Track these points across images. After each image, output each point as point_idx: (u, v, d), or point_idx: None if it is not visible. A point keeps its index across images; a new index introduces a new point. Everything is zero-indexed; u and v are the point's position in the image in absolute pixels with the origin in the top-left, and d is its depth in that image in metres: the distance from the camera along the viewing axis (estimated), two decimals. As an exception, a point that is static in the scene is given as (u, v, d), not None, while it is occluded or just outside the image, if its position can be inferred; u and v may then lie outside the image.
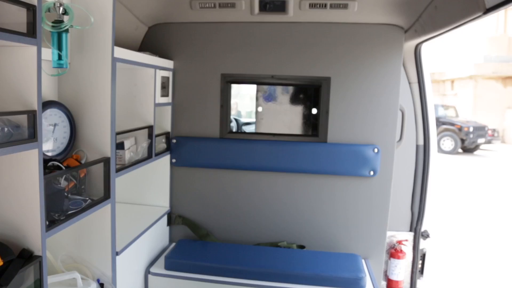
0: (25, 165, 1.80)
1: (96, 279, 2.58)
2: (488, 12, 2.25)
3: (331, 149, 3.60)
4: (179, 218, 3.83)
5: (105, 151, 2.49)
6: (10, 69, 1.76)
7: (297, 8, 3.31)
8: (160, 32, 3.67)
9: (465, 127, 19.69)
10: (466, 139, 19.62)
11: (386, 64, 3.53)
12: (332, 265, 3.34)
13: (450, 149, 19.79)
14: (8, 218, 1.86)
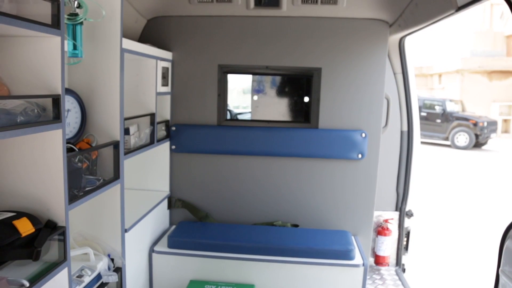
0: (50, 144, 1.99)
1: (107, 254, 2.79)
2: (460, 9, 2.51)
3: (322, 134, 3.84)
4: (179, 202, 4.05)
5: (114, 135, 2.69)
6: (36, 58, 1.95)
7: (290, 3, 3.54)
8: (159, 25, 3.86)
9: (480, 122, 19.09)
10: (480, 134, 19.01)
11: (372, 56, 3.77)
12: (324, 240, 3.59)
13: (465, 144, 19.14)
14: (34, 192, 2.06)
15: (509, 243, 2.21)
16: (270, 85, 4.17)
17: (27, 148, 2.02)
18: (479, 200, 10.07)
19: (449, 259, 6.43)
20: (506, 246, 2.23)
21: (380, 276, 4.12)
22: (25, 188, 2.06)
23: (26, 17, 1.69)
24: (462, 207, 9.44)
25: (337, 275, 3.40)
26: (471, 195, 10.51)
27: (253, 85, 4.17)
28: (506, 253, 2.23)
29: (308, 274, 3.42)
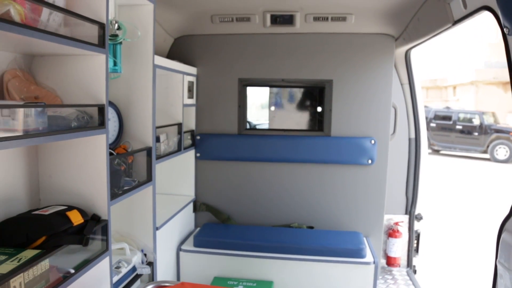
0: (96, 148, 2.27)
1: (141, 249, 3.06)
2: (456, 23, 2.75)
3: (334, 141, 4.09)
4: (203, 205, 4.31)
5: (147, 142, 2.97)
6: (84, 73, 2.24)
7: (303, 21, 3.82)
8: (184, 43, 4.18)
9: None
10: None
11: (379, 68, 4.02)
12: (337, 240, 3.81)
13: (506, 157, 18.02)
14: (81, 189, 2.34)
15: (505, 235, 2.40)
16: (286, 97, 4.44)
17: (76, 151, 2.30)
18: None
19: (466, 264, 6.54)
20: (502, 238, 2.42)
21: (392, 277, 4.30)
22: (74, 185, 2.34)
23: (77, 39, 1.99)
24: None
25: (350, 272, 3.61)
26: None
27: (270, 97, 4.44)
28: (502, 245, 2.43)
29: (322, 271, 3.64)
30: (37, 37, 1.66)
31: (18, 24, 1.56)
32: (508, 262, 2.30)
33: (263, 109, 4.60)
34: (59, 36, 1.84)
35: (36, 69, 2.30)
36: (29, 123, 1.74)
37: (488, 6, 2.26)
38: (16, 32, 1.53)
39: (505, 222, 2.44)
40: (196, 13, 3.82)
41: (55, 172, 2.36)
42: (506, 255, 2.34)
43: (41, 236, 1.97)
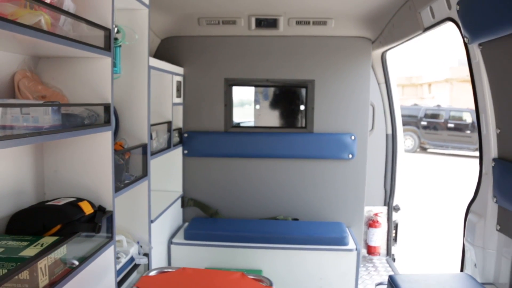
0: (101, 143, 2.49)
1: (137, 241, 3.29)
2: (426, 30, 3.10)
3: (316, 138, 4.39)
4: (191, 201, 4.55)
5: (142, 139, 3.20)
6: (91, 74, 2.46)
7: (286, 25, 4.10)
8: (171, 44, 4.40)
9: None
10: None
11: (358, 68, 4.35)
12: (321, 229, 4.11)
13: None
14: (86, 183, 2.55)
15: (470, 216, 2.75)
16: (270, 96, 4.71)
17: (82, 147, 2.51)
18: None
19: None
20: (468, 219, 2.77)
21: (373, 265, 4.64)
22: (80, 179, 2.55)
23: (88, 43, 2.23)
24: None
25: (334, 259, 3.90)
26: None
27: (255, 96, 4.71)
28: (468, 225, 2.77)
29: (308, 259, 3.93)
30: (61, 43, 1.89)
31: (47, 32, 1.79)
32: (473, 239, 2.65)
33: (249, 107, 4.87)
34: (76, 41, 2.06)
35: (42, 70, 2.51)
36: (46, 121, 1.97)
37: (452, 18, 2.60)
38: (46, 39, 1.77)
39: (470, 205, 2.79)
40: (183, 16, 4.06)
41: (60, 167, 2.57)
42: (471, 233, 2.69)
43: (57, 225, 2.20)
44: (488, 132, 2.56)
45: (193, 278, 2.60)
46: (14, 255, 1.88)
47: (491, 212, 2.58)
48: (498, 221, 2.53)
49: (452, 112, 19.27)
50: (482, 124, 2.61)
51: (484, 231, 2.60)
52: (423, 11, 2.98)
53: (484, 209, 2.62)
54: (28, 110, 1.88)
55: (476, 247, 2.65)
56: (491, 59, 2.40)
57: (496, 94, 2.44)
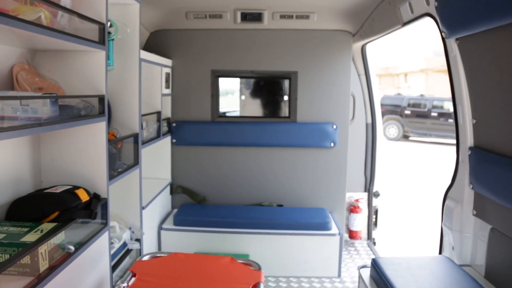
0: (96, 133, 2.53)
1: (129, 227, 3.34)
2: (405, 25, 3.18)
3: (300, 127, 4.48)
4: (179, 188, 4.61)
5: (133, 128, 3.24)
6: (86, 67, 2.49)
7: (270, 19, 4.16)
8: (160, 37, 4.43)
9: None
10: None
11: (339, 60, 4.43)
12: (305, 215, 4.21)
13: None
14: (81, 171, 2.59)
15: (448, 202, 2.86)
16: (255, 87, 4.77)
17: (77, 137, 2.55)
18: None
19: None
20: (446, 205, 2.88)
21: (354, 248, 4.77)
22: (75, 168, 2.59)
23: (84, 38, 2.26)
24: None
25: (317, 243, 4.01)
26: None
27: (241, 87, 4.76)
28: (446, 210, 2.89)
29: (293, 243, 4.03)
30: (60, 38, 1.93)
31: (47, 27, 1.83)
32: (450, 223, 2.76)
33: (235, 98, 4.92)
34: (74, 36, 2.11)
35: (38, 63, 2.53)
36: (45, 112, 2.01)
37: (430, 14, 2.68)
38: (47, 34, 1.80)
39: (448, 191, 2.90)
40: (171, 10, 4.08)
41: (56, 156, 2.61)
42: (449, 218, 2.80)
43: (55, 211, 2.25)
44: (464, 122, 2.65)
45: (185, 263, 2.67)
46: (15, 241, 1.93)
47: (468, 198, 2.68)
48: (474, 207, 2.64)
49: (435, 101, 19.29)
50: (459, 115, 2.71)
51: (461, 216, 2.71)
52: (403, 6, 3.06)
53: (461, 195, 2.74)
54: (28, 101, 1.92)
55: (453, 231, 2.76)
56: (467, 53, 2.49)
57: (472, 86, 2.54)
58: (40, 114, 1.96)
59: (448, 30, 2.48)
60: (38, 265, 1.93)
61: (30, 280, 1.86)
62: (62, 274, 2.06)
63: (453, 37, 2.50)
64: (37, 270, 1.93)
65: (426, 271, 2.44)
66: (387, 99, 19.58)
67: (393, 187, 9.69)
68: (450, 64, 2.68)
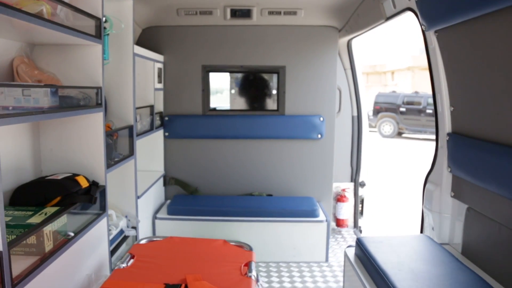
0: (94, 124, 2.63)
1: (125, 216, 3.45)
2: (388, 19, 3.32)
3: (288, 119, 4.60)
4: (172, 180, 4.72)
5: (128, 121, 3.34)
6: (83, 60, 2.59)
7: (259, 15, 4.27)
8: (152, 33, 4.52)
9: None
10: None
11: (326, 55, 4.56)
12: (294, 203, 4.33)
13: None
14: (80, 160, 2.69)
15: (428, 185, 3.00)
16: (245, 81, 4.88)
17: (75, 127, 2.65)
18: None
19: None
20: (426, 188, 3.02)
21: (341, 236, 4.90)
22: (74, 157, 2.69)
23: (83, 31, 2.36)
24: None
25: (306, 229, 4.14)
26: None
27: (231, 81, 4.88)
28: (426, 193, 3.03)
29: (282, 230, 4.15)
30: (60, 31, 2.04)
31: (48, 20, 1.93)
32: (430, 205, 2.91)
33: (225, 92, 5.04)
34: (74, 30, 2.22)
35: (37, 56, 2.63)
36: (46, 102, 2.11)
37: (411, 8, 2.82)
38: (48, 27, 1.91)
39: (428, 175, 3.04)
40: (163, 6, 4.18)
41: (55, 146, 2.70)
42: (429, 200, 2.95)
43: (57, 197, 2.35)
44: (443, 110, 2.79)
45: (180, 245, 2.78)
46: (22, 222, 2.03)
47: (446, 181, 2.82)
48: (452, 188, 2.78)
49: (429, 98, 19.03)
50: (438, 103, 2.84)
51: (440, 197, 2.85)
52: (386, 1, 3.19)
53: (440, 178, 2.88)
54: (30, 92, 2.02)
55: (433, 212, 2.91)
56: (445, 45, 2.62)
57: (449, 76, 2.67)
58: (42, 104, 2.06)
59: (428, 23, 2.61)
60: (43, 244, 2.04)
61: (36, 259, 1.97)
62: (65, 255, 2.17)
63: (432, 30, 2.63)
64: (43, 250, 2.03)
65: (407, 248, 2.58)
66: (382, 96, 19.69)
67: (383, 181, 9.84)
68: (429, 56, 2.81)
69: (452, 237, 2.81)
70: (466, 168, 2.52)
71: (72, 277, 2.32)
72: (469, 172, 2.48)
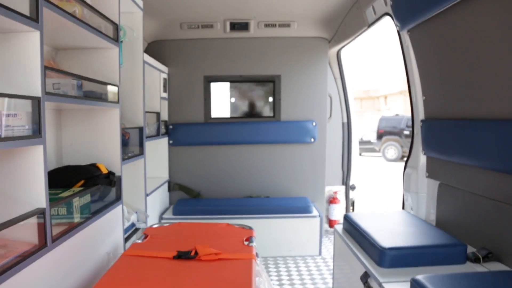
0: (111, 120, 2.93)
1: (135, 211, 3.73)
2: (370, 26, 3.72)
3: (284, 125, 4.95)
4: (176, 185, 5.01)
5: (138, 123, 3.66)
6: (102, 62, 2.88)
7: (256, 28, 4.67)
8: (157, 46, 4.89)
9: None
10: None
11: (317, 64, 4.94)
12: (290, 202, 4.64)
13: None
14: (98, 153, 2.97)
15: (407, 170, 3.34)
16: (243, 90, 5.23)
17: (93, 123, 2.95)
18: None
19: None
20: (406, 172, 3.36)
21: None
22: (92, 150, 2.97)
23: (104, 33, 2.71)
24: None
25: (301, 224, 4.44)
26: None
27: (231, 90, 5.23)
28: (405, 177, 3.36)
29: (279, 226, 4.43)
30: (89, 30, 2.38)
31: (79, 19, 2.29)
32: (409, 187, 3.25)
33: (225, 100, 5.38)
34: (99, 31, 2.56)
35: (60, 60, 2.95)
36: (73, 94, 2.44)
37: (388, 12, 3.22)
38: (82, 26, 2.25)
39: (407, 161, 3.38)
40: (167, 21, 4.57)
41: (75, 140, 3.00)
42: (407, 183, 3.28)
43: (81, 180, 2.63)
44: (416, 100, 3.15)
45: (188, 228, 3.07)
46: (54, 196, 2.33)
47: (422, 163, 3.14)
48: (427, 169, 3.11)
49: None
50: (412, 94, 3.20)
51: (417, 179, 3.18)
52: (367, 9, 3.58)
53: (417, 162, 3.20)
54: (59, 85, 2.35)
55: (412, 193, 3.23)
56: (416, 41, 2.97)
57: (421, 68, 3.03)
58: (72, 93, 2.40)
59: (401, 24, 2.98)
60: (73, 215, 2.34)
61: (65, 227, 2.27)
62: (88, 230, 2.44)
63: (405, 29, 2.99)
64: (72, 220, 2.33)
65: (389, 219, 2.91)
66: (385, 120, 19.65)
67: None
68: (404, 54, 3.18)
69: (428, 214, 3.13)
70: (437, 148, 2.85)
71: (94, 251, 2.59)
72: (440, 151, 2.80)
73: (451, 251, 2.32)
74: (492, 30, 2.14)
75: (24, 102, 1.79)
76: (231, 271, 2.25)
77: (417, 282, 1.87)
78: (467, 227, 2.58)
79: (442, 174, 2.88)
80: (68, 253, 2.19)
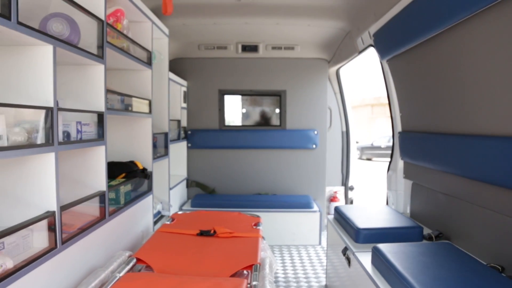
0: (145, 126, 3.67)
1: (160, 202, 4.47)
2: (360, 53, 4.40)
3: (289, 133, 5.69)
4: (193, 182, 5.77)
5: (164, 129, 4.41)
6: (138, 81, 3.64)
7: (264, 49, 5.41)
8: (178, 64, 5.66)
9: None
10: None
11: (318, 81, 5.67)
12: (293, 199, 5.34)
13: None
14: (133, 153, 3.69)
15: (389, 172, 4.03)
16: (253, 102, 5.99)
17: (130, 129, 3.71)
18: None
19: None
20: (388, 175, 4.05)
21: (334, 232, 5.88)
22: (130, 150, 3.70)
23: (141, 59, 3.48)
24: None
25: (303, 218, 5.14)
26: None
27: (242, 102, 5.99)
28: (388, 179, 4.05)
29: (284, 219, 5.13)
30: (133, 60, 3.16)
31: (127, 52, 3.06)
32: (390, 187, 3.94)
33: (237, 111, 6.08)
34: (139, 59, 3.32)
35: (105, 79, 3.73)
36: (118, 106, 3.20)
37: (372, 44, 3.91)
38: (127, 57, 3.03)
39: (389, 166, 4.08)
40: (187, 43, 5.34)
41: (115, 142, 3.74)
42: (389, 183, 3.97)
43: (123, 173, 3.39)
44: (395, 115, 3.84)
45: (207, 214, 3.80)
46: (105, 184, 3.09)
47: (400, 167, 3.83)
48: (404, 172, 3.79)
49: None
50: (392, 111, 3.89)
51: (396, 179, 3.86)
52: (358, 40, 4.26)
53: (396, 166, 3.89)
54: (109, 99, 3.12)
55: (392, 191, 3.91)
56: (394, 69, 3.61)
57: (398, 91, 3.70)
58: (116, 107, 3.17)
59: (381, 54, 3.66)
60: (120, 199, 3.10)
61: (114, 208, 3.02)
62: (125, 214, 3.15)
63: (385, 59, 3.63)
64: (119, 202, 3.09)
65: (370, 210, 3.56)
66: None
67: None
68: (385, 78, 3.86)
69: (405, 209, 3.81)
70: (411, 154, 3.53)
71: (133, 226, 3.35)
72: (413, 157, 3.48)
73: (410, 231, 2.99)
74: (456, 62, 2.64)
75: (92, 114, 2.55)
76: (242, 245, 2.91)
77: (376, 248, 2.58)
78: (429, 216, 3.26)
79: (414, 175, 3.54)
80: (117, 225, 2.93)
